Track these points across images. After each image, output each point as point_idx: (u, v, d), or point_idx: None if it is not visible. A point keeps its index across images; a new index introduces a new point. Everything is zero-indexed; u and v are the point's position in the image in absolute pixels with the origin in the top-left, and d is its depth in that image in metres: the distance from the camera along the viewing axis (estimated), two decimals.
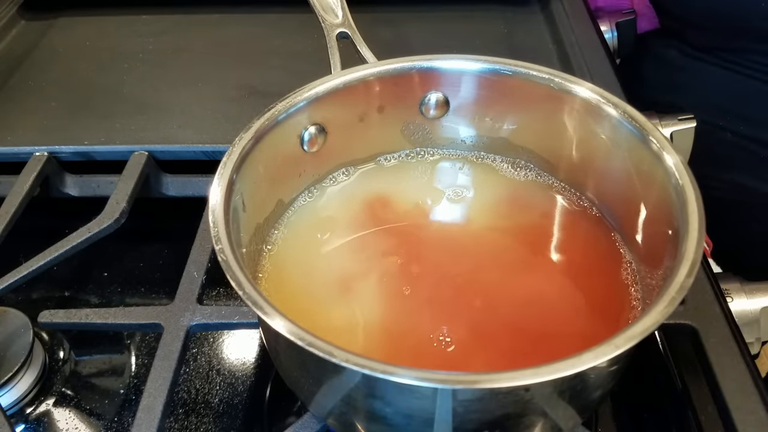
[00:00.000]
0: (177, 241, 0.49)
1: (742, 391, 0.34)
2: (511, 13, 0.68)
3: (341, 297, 0.37)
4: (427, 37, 0.65)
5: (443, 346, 0.34)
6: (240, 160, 0.34)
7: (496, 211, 0.41)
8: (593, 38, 0.62)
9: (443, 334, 0.34)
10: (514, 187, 0.42)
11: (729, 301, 0.40)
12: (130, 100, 0.57)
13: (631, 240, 0.38)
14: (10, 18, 0.69)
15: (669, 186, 0.33)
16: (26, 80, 0.60)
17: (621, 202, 0.38)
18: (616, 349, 0.25)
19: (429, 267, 0.38)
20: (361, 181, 0.43)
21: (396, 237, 0.40)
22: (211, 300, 0.47)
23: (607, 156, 0.38)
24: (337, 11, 0.47)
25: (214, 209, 0.32)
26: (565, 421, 0.31)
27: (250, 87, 0.58)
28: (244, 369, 0.43)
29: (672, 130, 0.57)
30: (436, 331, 0.34)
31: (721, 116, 0.69)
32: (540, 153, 0.42)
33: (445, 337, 0.34)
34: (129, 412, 0.41)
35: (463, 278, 0.37)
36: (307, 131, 0.40)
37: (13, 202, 0.47)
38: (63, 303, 0.48)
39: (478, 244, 0.40)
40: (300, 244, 0.39)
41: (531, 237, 0.40)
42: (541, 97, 0.39)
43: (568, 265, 0.38)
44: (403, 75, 0.41)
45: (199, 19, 0.69)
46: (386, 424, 0.30)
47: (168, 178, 0.52)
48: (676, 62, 0.73)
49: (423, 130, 0.44)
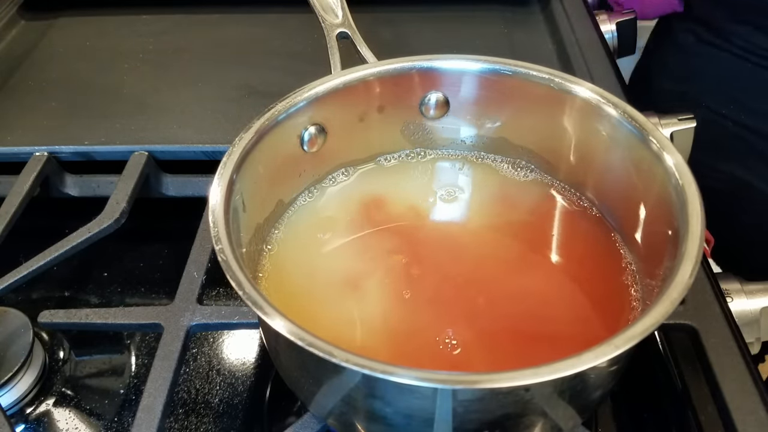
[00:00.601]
0: (177, 241, 0.49)
1: (742, 391, 0.34)
2: (511, 13, 0.68)
3: (342, 297, 0.37)
4: (427, 37, 0.65)
5: (449, 349, 0.34)
6: (240, 160, 0.34)
7: (496, 211, 0.41)
8: (593, 38, 0.62)
9: (449, 337, 0.34)
10: (514, 188, 0.42)
11: (729, 301, 0.40)
12: (130, 100, 0.57)
13: (631, 240, 0.38)
14: (10, 18, 0.69)
15: (669, 186, 0.33)
16: (26, 80, 0.60)
17: (621, 202, 0.38)
18: (616, 349, 0.25)
19: (429, 267, 0.38)
20: (361, 181, 0.43)
21: (396, 237, 0.40)
22: (211, 300, 0.47)
23: (607, 156, 0.38)
24: (337, 11, 0.47)
25: (214, 209, 0.32)
26: (565, 421, 0.31)
27: (250, 87, 0.58)
28: (244, 369, 0.43)
29: (672, 130, 0.56)
30: (438, 333, 0.34)
31: (725, 104, 0.70)
32: (540, 153, 0.42)
33: (451, 340, 0.34)
34: (129, 412, 0.41)
35: (464, 278, 0.37)
36: (307, 131, 0.40)
37: (13, 202, 0.47)
38: (63, 303, 0.48)
39: (478, 245, 0.40)
40: (300, 244, 0.39)
41: (531, 237, 0.40)
42: (541, 97, 0.39)
43: (568, 266, 0.38)
44: (403, 75, 0.41)
45: (199, 19, 0.69)
46: (386, 424, 0.30)
47: (168, 178, 0.52)
48: (693, 48, 0.73)
49: (423, 130, 0.44)
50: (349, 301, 0.37)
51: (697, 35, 0.73)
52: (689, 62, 0.75)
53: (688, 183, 0.32)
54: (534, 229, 0.40)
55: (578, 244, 0.39)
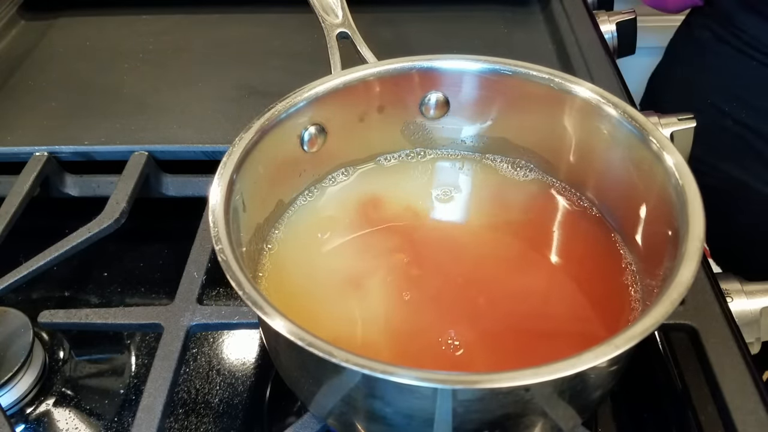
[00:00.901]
0: (177, 241, 0.49)
1: (742, 391, 0.34)
2: (511, 13, 0.68)
3: (342, 297, 0.37)
4: (427, 37, 0.65)
5: (452, 350, 0.34)
6: (240, 160, 0.34)
7: (496, 211, 0.41)
8: (593, 38, 0.62)
9: (451, 337, 0.34)
10: (514, 188, 0.42)
11: (729, 301, 0.40)
12: (130, 100, 0.57)
13: (631, 240, 0.38)
14: (10, 18, 0.69)
15: (669, 186, 0.33)
16: (26, 80, 0.60)
17: (621, 202, 0.38)
18: (616, 349, 0.25)
19: (429, 267, 0.38)
20: (361, 181, 0.43)
21: (396, 237, 0.40)
22: (211, 300, 0.47)
23: (607, 156, 0.38)
24: (337, 11, 0.47)
25: (214, 209, 0.32)
26: (565, 421, 0.31)
27: (250, 87, 0.58)
28: (244, 369, 0.43)
29: (672, 130, 0.56)
30: (441, 334, 0.34)
31: (728, 102, 0.71)
32: (540, 153, 0.42)
33: (454, 341, 0.34)
34: (129, 412, 0.41)
35: (464, 278, 0.37)
36: (307, 131, 0.40)
37: (13, 202, 0.47)
38: (63, 303, 0.48)
39: (478, 244, 0.40)
40: (300, 244, 0.39)
41: (531, 237, 0.40)
42: (541, 97, 0.39)
43: (569, 266, 0.38)
44: (403, 75, 0.41)
45: (199, 19, 0.69)
46: (386, 424, 0.30)
47: (168, 178, 0.52)
48: (709, 45, 0.74)
49: (423, 130, 0.44)
50: (349, 301, 0.37)
51: (713, 30, 0.73)
52: (703, 58, 0.75)
53: (688, 183, 0.32)
54: (534, 229, 0.40)
55: (578, 244, 0.39)
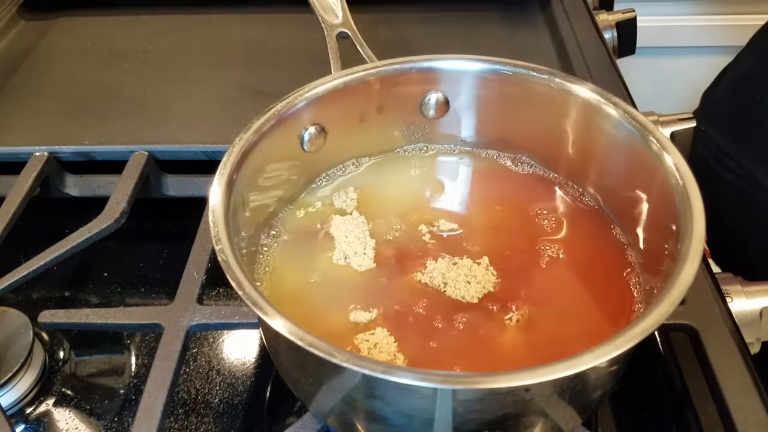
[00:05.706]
0: (177, 241, 0.49)
1: (742, 391, 0.34)
2: (511, 13, 0.68)
3: (342, 297, 0.37)
4: (427, 37, 0.65)
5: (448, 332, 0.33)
6: (240, 160, 0.34)
7: (496, 208, 0.41)
8: (593, 38, 0.62)
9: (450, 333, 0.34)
10: (514, 186, 0.42)
11: (729, 301, 0.40)
12: (130, 100, 0.57)
13: (631, 240, 0.38)
14: (10, 18, 0.69)
15: (669, 186, 0.33)
16: (26, 80, 0.60)
17: (621, 202, 0.38)
18: (616, 349, 0.25)
19: (430, 264, 0.38)
20: (362, 180, 0.43)
21: (396, 237, 0.40)
22: (211, 300, 0.47)
23: (608, 156, 0.38)
24: (337, 11, 0.47)
25: (214, 209, 0.32)
26: (565, 422, 0.31)
27: (250, 87, 0.58)
28: (244, 369, 0.43)
29: (672, 130, 0.57)
30: (438, 328, 0.34)
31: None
32: (540, 153, 0.42)
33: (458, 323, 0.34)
34: (129, 412, 0.41)
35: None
36: (307, 131, 0.40)
37: (13, 202, 0.47)
38: (63, 303, 0.48)
39: (478, 242, 0.40)
40: (300, 244, 0.39)
41: (531, 237, 0.40)
42: (542, 97, 0.39)
43: (569, 266, 0.38)
44: (403, 75, 0.41)
45: (199, 19, 0.69)
46: (386, 424, 0.30)
47: (168, 178, 0.52)
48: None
49: (423, 130, 0.44)
50: (349, 301, 0.36)
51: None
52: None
53: (689, 183, 0.32)
54: (534, 229, 0.40)
55: (579, 245, 0.39)
